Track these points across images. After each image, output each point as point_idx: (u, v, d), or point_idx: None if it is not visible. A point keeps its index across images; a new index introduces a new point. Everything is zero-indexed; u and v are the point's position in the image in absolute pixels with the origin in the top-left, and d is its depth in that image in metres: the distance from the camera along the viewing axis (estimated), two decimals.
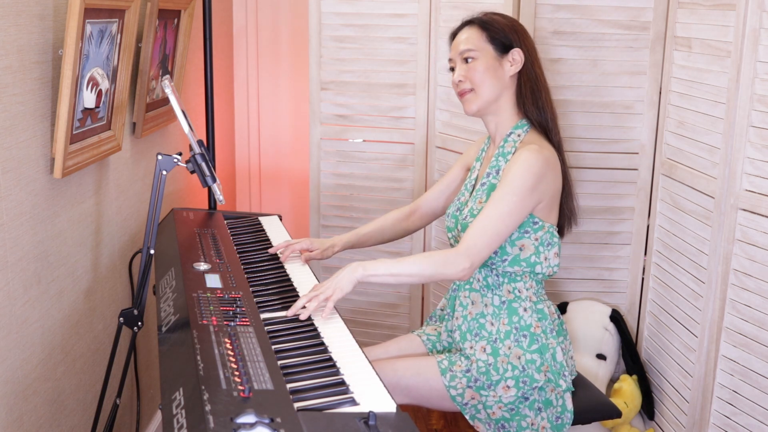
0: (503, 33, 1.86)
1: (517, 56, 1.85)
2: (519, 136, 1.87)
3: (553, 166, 1.80)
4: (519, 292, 1.85)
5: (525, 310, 1.84)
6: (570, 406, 1.84)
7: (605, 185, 2.53)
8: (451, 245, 1.96)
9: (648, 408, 2.41)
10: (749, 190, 1.94)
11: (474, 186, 1.95)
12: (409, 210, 2.15)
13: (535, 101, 1.87)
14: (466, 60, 1.86)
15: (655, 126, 2.44)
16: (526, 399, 1.81)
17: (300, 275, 1.90)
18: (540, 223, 1.81)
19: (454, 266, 1.72)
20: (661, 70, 2.40)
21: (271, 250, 2.01)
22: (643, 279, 2.53)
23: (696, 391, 2.13)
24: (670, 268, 2.31)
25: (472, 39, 1.86)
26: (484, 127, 1.99)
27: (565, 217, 1.92)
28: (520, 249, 1.81)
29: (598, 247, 2.57)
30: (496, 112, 1.89)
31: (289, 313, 1.61)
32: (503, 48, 1.85)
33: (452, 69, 1.91)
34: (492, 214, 1.74)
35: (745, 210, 1.95)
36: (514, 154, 1.84)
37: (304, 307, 1.63)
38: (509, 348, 1.82)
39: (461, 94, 1.88)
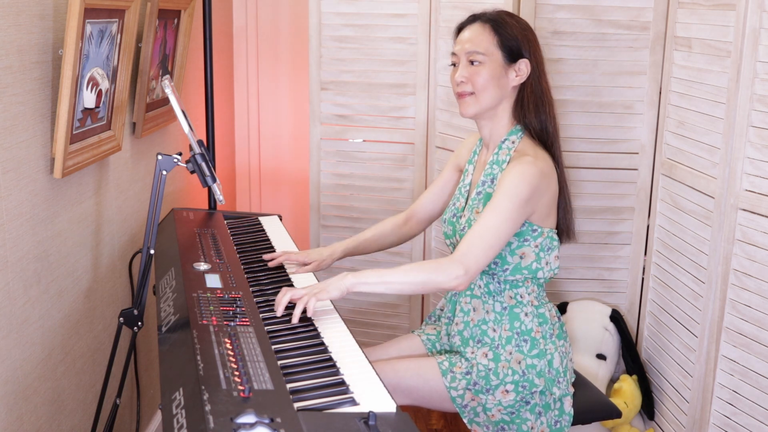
0: (515, 41, 1.80)
1: (524, 68, 1.81)
2: (513, 143, 1.84)
3: (547, 175, 1.77)
4: (521, 297, 1.84)
5: (526, 314, 1.84)
6: (568, 408, 1.84)
7: (605, 185, 2.53)
8: (451, 252, 1.94)
9: (648, 408, 2.41)
10: (749, 190, 1.94)
11: (469, 192, 1.93)
12: (405, 216, 2.12)
13: (538, 115, 1.83)
14: (471, 61, 1.80)
15: (655, 126, 2.44)
16: (527, 403, 1.80)
17: (300, 275, 1.90)
18: (539, 230, 1.80)
19: (446, 273, 1.67)
20: (661, 70, 2.40)
21: (266, 258, 1.96)
22: (643, 279, 2.53)
23: (696, 391, 2.13)
24: (670, 268, 2.31)
25: (482, 41, 1.80)
26: None
27: (561, 231, 1.88)
28: (521, 257, 1.80)
29: (598, 247, 2.57)
30: (492, 118, 1.85)
31: (277, 312, 1.60)
32: (512, 56, 1.80)
33: (454, 64, 1.86)
34: (487, 223, 1.70)
35: (745, 210, 1.95)
36: (509, 163, 1.80)
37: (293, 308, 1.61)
38: (510, 353, 1.82)
39: (460, 95, 1.83)
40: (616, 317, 2.49)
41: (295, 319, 1.58)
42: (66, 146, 1.71)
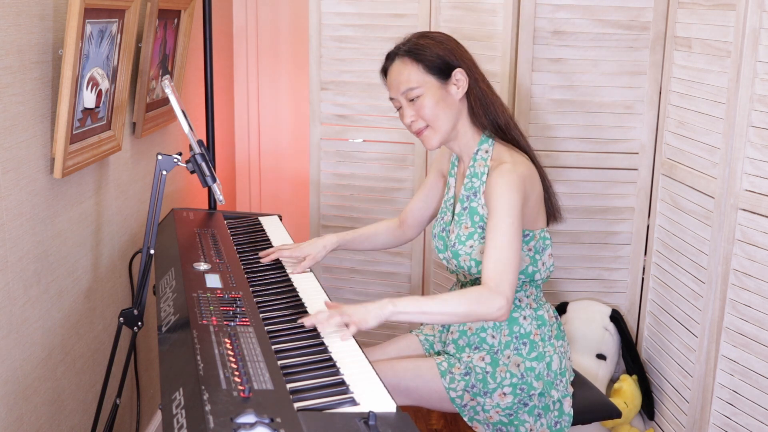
0: (438, 58, 1.76)
1: (460, 76, 1.77)
2: (487, 152, 1.82)
3: (529, 178, 1.75)
4: (519, 301, 1.84)
5: (525, 318, 1.84)
6: (568, 409, 1.84)
7: (605, 185, 2.53)
8: (447, 268, 1.94)
9: (648, 408, 2.41)
10: (749, 190, 1.94)
11: (454, 206, 1.91)
12: (398, 221, 2.12)
13: (487, 115, 1.81)
14: (410, 98, 1.78)
15: (655, 126, 2.44)
16: (526, 405, 1.80)
17: (300, 275, 1.90)
18: (531, 233, 1.80)
19: (489, 305, 1.62)
20: (661, 70, 2.40)
21: (261, 255, 1.97)
22: (643, 279, 2.53)
23: (696, 391, 2.13)
24: (670, 268, 2.31)
25: (411, 75, 1.77)
26: None
27: (549, 215, 1.88)
28: None
29: (598, 247, 2.57)
30: (456, 137, 1.84)
31: (307, 323, 1.55)
32: (444, 73, 1.77)
33: (397, 108, 1.83)
34: (500, 243, 1.66)
35: (745, 210, 1.95)
36: (489, 175, 1.78)
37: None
38: (508, 357, 1.82)
39: (417, 133, 1.81)
40: (616, 317, 2.49)
41: (323, 328, 1.55)
42: (66, 146, 1.71)
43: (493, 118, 1.81)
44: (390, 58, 1.83)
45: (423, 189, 2.08)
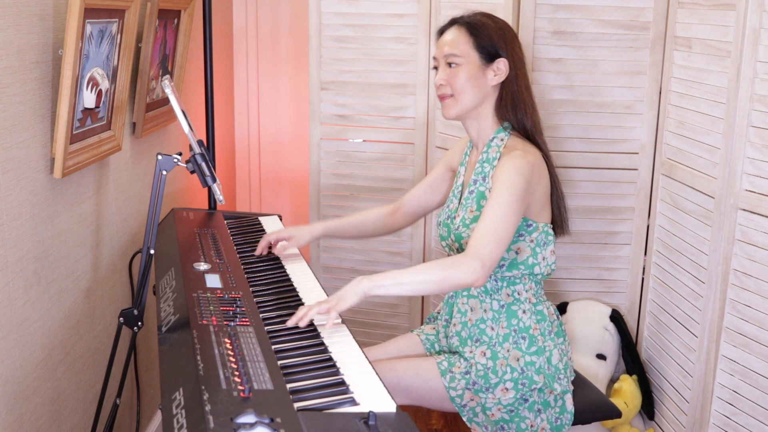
0: (491, 41, 1.81)
1: (502, 66, 1.81)
2: (502, 140, 1.84)
3: (538, 168, 1.78)
4: (518, 294, 1.84)
5: (524, 312, 1.84)
6: (569, 407, 1.84)
7: (605, 185, 2.53)
8: (448, 255, 1.95)
9: (648, 408, 2.41)
10: (749, 190, 1.94)
11: (461, 193, 1.93)
12: (393, 208, 2.13)
13: (515, 113, 1.84)
14: (449, 64, 1.83)
15: (655, 126, 2.44)
16: (526, 401, 1.81)
17: (300, 275, 1.90)
18: (534, 224, 1.81)
19: (463, 268, 1.63)
20: (661, 70, 2.40)
21: (256, 253, 2.01)
22: (643, 279, 2.54)
23: (696, 391, 2.13)
24: (670, 268, 2.31)
25: (459, 43, 1.82)
26: None
27: (556, 222, 1.89)
28: (516, 253, 1.81)
29: (598, 247, 2.57)
30: (476, 117, 1.86)
31: (289, 323, 1.56)
32: (489, 56, 1.81)
33: (435, 68, 1.88)
34: (493, 217, 1.69)
35: (745, 210, 1.95)
36: (499, 159, 1.81)
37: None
38: (508, 351, 1.82)
39: (441, 98, 1.85)
40: (616, 317, 2.49)
41: (304, 323, 1.56)
42: (66, 146, 1.71)
43: (520, 117, 1.85)
44: (450, 23, 1.88)
45: (429, 178, 2.10)
